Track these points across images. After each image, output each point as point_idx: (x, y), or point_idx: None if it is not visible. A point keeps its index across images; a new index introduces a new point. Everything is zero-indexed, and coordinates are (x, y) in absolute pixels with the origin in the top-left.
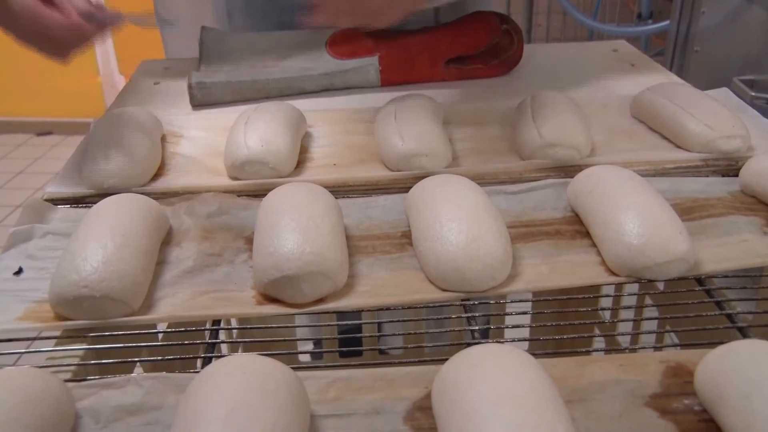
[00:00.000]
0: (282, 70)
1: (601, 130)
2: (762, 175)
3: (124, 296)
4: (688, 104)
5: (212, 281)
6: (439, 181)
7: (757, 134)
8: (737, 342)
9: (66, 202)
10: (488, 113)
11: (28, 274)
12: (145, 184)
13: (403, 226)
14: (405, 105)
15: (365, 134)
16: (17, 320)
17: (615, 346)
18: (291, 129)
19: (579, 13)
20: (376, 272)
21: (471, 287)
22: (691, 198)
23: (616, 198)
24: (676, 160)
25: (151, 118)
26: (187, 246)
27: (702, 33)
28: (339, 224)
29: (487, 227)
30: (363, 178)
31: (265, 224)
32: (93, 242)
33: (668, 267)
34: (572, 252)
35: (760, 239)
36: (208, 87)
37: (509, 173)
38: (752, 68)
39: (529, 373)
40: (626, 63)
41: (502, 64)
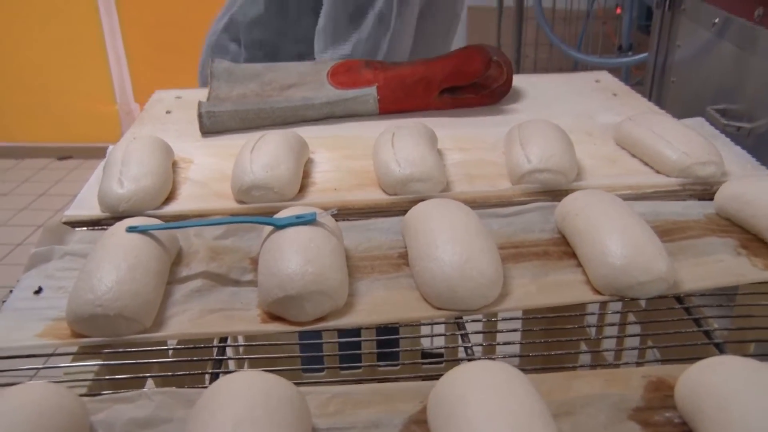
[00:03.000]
0: (286, 99)
1: (586, 156)
2: (735, 198)
3: (136, 314)
4: (666, 133)
5: (219, 300)
6: (433, 205)
7: (729, 160)
8: (714, 358)
9: (83, 224)
10: (479, 140)
11: (48, 293)
12: (157, 208)
13: (400, 247)
14: (401, 132)
15: (364, 160)
16: (37, 337)
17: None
18: (294, 155)
19: (564, 45)
20: (374, 291)
21: (464, 305)
22: (670, 220)
23: (600, 221)
24: (655, 184)
25: (163, 145)
26: (195, 266)
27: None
28: (339, 246)
29: (479, 249)
30: (362, 202)
31: (269, 246)
32: (107, 263)
33: (649, 286)
34: (559, 272)
35: (734, 259)
36: (217, 115)
37: (500, 197)
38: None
39: (519, 388)
40: (609, 93)
41: (493, 94)
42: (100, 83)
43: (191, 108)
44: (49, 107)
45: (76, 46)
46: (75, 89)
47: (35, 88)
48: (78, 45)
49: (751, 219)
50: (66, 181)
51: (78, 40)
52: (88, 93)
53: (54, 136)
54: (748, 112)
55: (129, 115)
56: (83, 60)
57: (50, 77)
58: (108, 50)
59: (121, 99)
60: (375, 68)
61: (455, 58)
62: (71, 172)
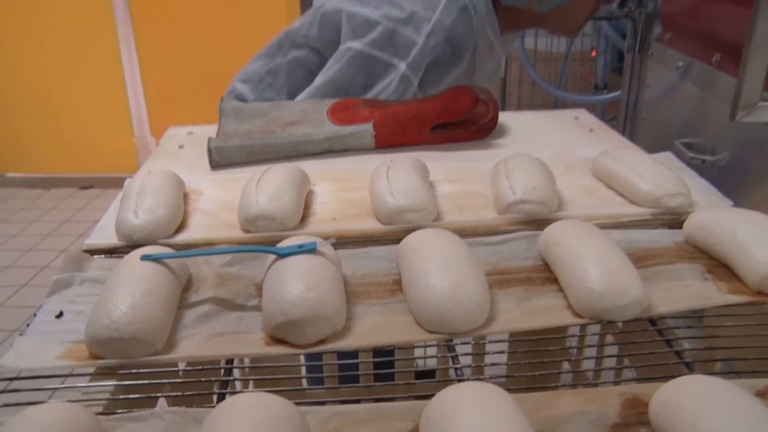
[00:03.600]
0: (289, 135)
1: (567, 188)
2: (702, 227)
3: (149, 337)
4: (638, 166)
5: (226, 324)
6: (425, 235)
7: (696, 192)
8: (684, 377)
9: (102, 252)
10: (468, 172)
11: (68, 317)
12: (169, 237)
13: (394, 274)
14: (396, 166)
15: (361, 191)
16: (57, 358)
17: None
18: (296, 188)
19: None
20: (370, 316)
21: (454, 329)
22: (643, 248)
23: (579, 249)
24: (630, 214)
25: (175, 178)
26: (204, 292)
27: (648, 103)
28: (338, 273)
29: (468, 276)
30: (359, 231)
31: (273, 273)
32: (123, 290)
33: (625, 309)
34: (542, 297)
35: (701, 284)
36: (225, 150)
37: (487, 226)
38: (690, 133)
39: (505, 408)
40: (586, 129)
41: (480, 130)
42: (119, 119)
43: (202, 143)
44: (73, 142)
45: (98, 86)
46: (97, 125)
47: (61, 124)
48: (100, 86)
49: (716, 246)
50: (88, 209)
51: (100, 81)
52: (109, 128)
53: (77, 167)
54: (711, 146)
55: (145, 148)
56: (105, 99)
57: (75, 115)
58: (128, 90)
59: (138, 133)
60: (371, 106)
61: (445, 97)
62: (93, 201)
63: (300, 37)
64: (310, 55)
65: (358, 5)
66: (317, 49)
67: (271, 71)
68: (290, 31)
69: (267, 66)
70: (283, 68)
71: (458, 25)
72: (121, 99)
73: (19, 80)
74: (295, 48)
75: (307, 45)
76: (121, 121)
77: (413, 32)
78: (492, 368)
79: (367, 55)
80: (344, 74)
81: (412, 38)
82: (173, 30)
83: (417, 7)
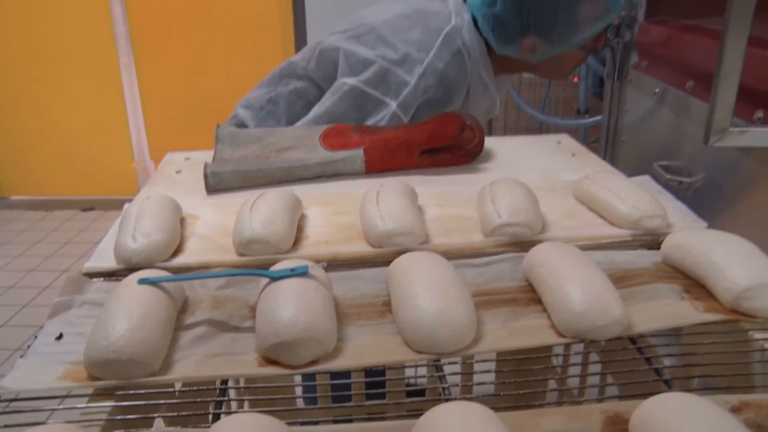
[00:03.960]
0: (282, 160)
1: (550, 210)
2: (678, 248)
3: (146, 359)
4: (618, 190)
5: (221, 345)
6: (414, 258)
7: (672, 214)
8: (662, 395)
9: (101, 275)
10: (456, 196)
11: (68, 339)
12: (166, 260)
13: (384, 296)
14: (385, 190)
15: (352, 215)
16: (57, 379)
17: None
18: (289, 212)
19: (530, 108)
20: (361, 337)
21: (441, 349)
22: (623, 268)
23: (562, 270)
24: (610, 235)
25: (172, 203)
26: (200, 314)
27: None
28: (329, 295)
29: (455, 297)
30: (350, 254)
31: (266, 296)
32: (121, 312)
33: (606, 329)
34: (527, 317)
35: (678, 303)
36: (221, 176)
37: (473, 248)
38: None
39: (490, 428)
40: (568, 153)
41: (467, 154)
42: (120, 144)
43: (198, 168)
44: (75, 166)
45: (100, 112)
46: (98, 150)
47: (64, 148)
48: (102, 112)
49: (692, 267)
50: (89, 230)
51: (102, 108)
52: (110, 153)
53: (79, 190)
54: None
55: (145, 171)
56: (106, 125)
57: (77, 140)
58: (128, 116)
59: (138, 157)
60: (362, 132)
61: (433, 123)
62: (93, 222)
63: (300, 69)
64: (309, 87)
65: (355, 44)
66: (316, 82)
67: (272, 100)
68: (291, 63)
69: (269, 94)
70: (283, 98)
71: (451, 68)
72: (122, 125)
73: (23, 106)
74: (295, 79)
75: (306, 77)
76: (122, 146)
77: (406, 73)
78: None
79: (361, 91)
80: (338, 108)
81: (405, 79)
82: (172, 59)
83: (411, 48)
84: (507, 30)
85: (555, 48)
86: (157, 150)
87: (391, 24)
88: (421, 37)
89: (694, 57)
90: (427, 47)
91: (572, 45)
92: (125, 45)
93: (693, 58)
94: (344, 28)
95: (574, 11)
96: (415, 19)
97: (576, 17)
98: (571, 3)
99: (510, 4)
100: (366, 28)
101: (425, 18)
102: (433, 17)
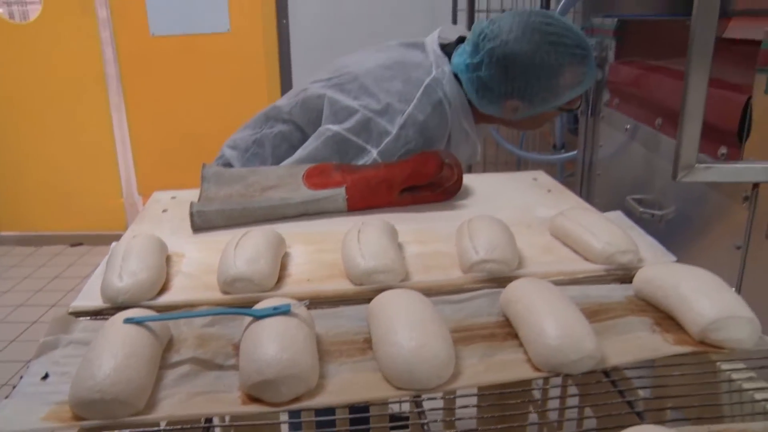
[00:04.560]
0: (266, 199)
1: (526, 246)
2: (649, 282)
3: (131, 398)
4: (591, 225)
5: (205, 383)
6: (394, 295)
7: (643, 248)
8: (634, 428)
9: (87, 314)
10: (435, 233)
11: (53, 378)
12: (152, 299)
13: (365, 333)
14: (366, 229)
15: (334, 253)
16: (42, 420)
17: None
18: (272, 251)
19: (508, 144)
20: (342, 374)
21: (421, 385)
22: (598, 302)
23: (537, 306)
24: (584, 270)
25: (158, 242)
26: (184, 352)
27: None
28: (311, 333)
29: (433, 334)
30: (332, 292)
31: (249, 334)
32: (106, 352)
33: (580, 363)
34: (504, 352)
35: (650, 336)
36: (206, 214)
37: (452, 285)
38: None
39: None
40: (544, 189)
41: (446, 192)
42: (109, 180)
43: (184, 207)
44: (65, 201)
45: (90, 149)
46: (88, 186)
47: (54, 185)
48: (92, 149)
49: (662, 300)
50: (77, 265)
51: (92, 145)
52: (99, 189)
53: (68, 225)
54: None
55: (133, 207)
56: (96, 161)
57: (67, 176)
58: (118, 153)
59: (126, 193)
60: (344, 171)
61: (413, 162)
62: (82, 257)
63: (284, 113)
64: (293, 130)
65: (339, 93)
66: (300, 126)
67: (257, 141)
68: (275, 107)
69: (254, 136)
70: (269, 139)
71: (432, 118)
72: (111, 161)
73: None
74: (280, 123)
75: (291, 121)
76: (111, 182)
77: (387, 123)
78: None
79: (344, 137)
80: (321, 152)
81: (386, 128)
82: (161, 99)
83: (392, 99)
84: (492, 93)
85: (535, 110)
86: (145, 186)
87: (373, 74)
88: (402, 88)
89: (661, 96)
90: (408, 98)
91: (551, 107)
92: (115, 85)
93: (660, 97)
94: (327, 75)
95: (556, 79)
96: (396, 69)
97: (557, 84)
98: (553, 72)
99: (496, 70)
100: (349, 77)
101: (406, 69)
102: (414, 69)
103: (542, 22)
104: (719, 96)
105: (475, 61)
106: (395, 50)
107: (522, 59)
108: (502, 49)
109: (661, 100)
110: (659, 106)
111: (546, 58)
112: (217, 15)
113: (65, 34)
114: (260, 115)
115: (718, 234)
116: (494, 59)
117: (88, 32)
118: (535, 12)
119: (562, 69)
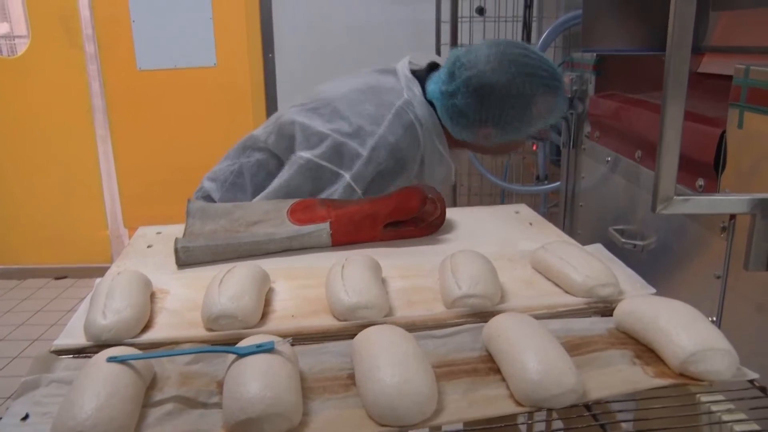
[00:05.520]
0: (251, 234)
1: (508, 280)
2: (629, 314)
3: None
4: (572, 259)
5: (188, 422)
6: (377, 331)
7: (623, 281)
8: None
9: (70, 352)
10: (418, 268)
11: (34, 419)
12: (135, 336)
13: (348, 369)
14: (350, 264)
15: (318, 288)
16: None
17: None
18: (257, 287)
19: (492, 176)
20: (325, 411)
21: (403, 422)
22: (579, 336)
23: (519, 341)
24: (566, 304)
25: (142, 278)
26: (168, 390)
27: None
28: (294, 370)
29: (416, 370)
30: (316, 328)
31: (233, 372)
32: (89, 391)
33: (562, 397)
34: (487, 387)
35: (630, 369)
36: (191, 250)
37: (435, 320)
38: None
39: None
40: (526, 223)
41: (429, 226)
42: (94, 213)
43: (169, 242)
44: (49, 234)
45: (75, 182)
46: (73, 219)
47: (38, 218)
48: (77, 181)
49: (642, 332)
50: (61, 298)
51: (77, 178)
52: (84, 221)
53: (52, 258)
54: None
55: (118, 239)
56: (81, 194)
57: (52, 209)
58: (103, 186)
59: (112, 225)
60: (328, 206)
61: (396, 197)
62: (66, 290)
63: (260, 142)
64: (270, 158)
65: (312, 117)
66: (276, 154)
67: (235, 171)
68: (252, 137)
69: (232, 167)
70: (247, 169)
71: (403, 140)
72: (97, 194)
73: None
74: (257, 152)
75: (266, 149)
76: (96, 215)
77: (358, 145)
78: None
79: (316, 164)
80: (295, 180)
81: (358, 151)
82: (147, 132)
83: (364, 122)
84: (466, 119)
85: (508, 137)
86: (131, 219)
87: (347, 98)
88: (374, 111)
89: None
90: (379, 120)
91: (524, 135)
92: (102, 118)
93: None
94: (302, 101)
95: (530, 109)
96: (369, 93)
97: (530, 114)
98: (527, 102)
99: (471, 98)
100: (323, 101)
101: (378, 93)
102: (386, 93)
103: (519, 53)
104: (695, 129)
105: (450, 89)
106: (369, 76)
107: (499, 89)
108: (479, 78)
109: (640, 133)
110: (638, 138)
111: (522, 89)
112: (203, 49)
113: (53, 68)
114: (238, 145)
115: (698, 263)
116: (471, 88)
117: (75, 66)
118: (511, 43)
119: (536, 99)
